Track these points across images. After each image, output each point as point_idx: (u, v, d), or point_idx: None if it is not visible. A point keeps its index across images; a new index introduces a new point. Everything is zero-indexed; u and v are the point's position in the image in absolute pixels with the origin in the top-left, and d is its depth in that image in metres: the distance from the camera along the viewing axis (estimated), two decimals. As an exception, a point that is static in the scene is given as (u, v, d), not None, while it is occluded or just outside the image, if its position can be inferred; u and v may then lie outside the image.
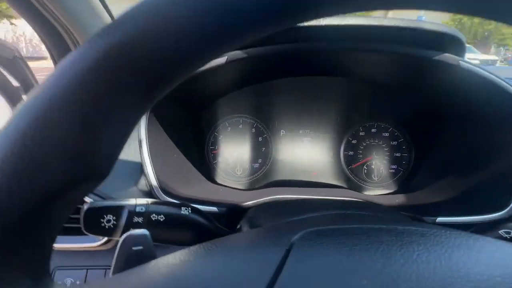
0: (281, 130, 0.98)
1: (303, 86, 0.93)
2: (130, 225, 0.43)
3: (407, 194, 0.84)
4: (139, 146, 0.62)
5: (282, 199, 0.72)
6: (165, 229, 0.45)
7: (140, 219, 0.43)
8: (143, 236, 0.35)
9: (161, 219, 0.45)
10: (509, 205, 0.57)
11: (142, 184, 0.64)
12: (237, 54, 0.58)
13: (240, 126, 0.98)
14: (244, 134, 0.98)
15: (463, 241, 0.25)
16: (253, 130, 0.98)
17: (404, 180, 0.94)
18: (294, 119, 0.98)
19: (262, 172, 0.97)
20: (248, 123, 0.98)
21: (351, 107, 0.94)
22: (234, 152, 0.98)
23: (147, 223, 0.44)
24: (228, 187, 0.92)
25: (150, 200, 0.46)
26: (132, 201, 0.45)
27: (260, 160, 0.98)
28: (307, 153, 0.98)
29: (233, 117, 0.98)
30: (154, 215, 0.45)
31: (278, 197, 0.73)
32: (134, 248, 0.34)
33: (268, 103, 0.96)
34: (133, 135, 0.67)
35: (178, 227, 0.47)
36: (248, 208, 0.68)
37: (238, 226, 0.57)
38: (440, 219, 0.62)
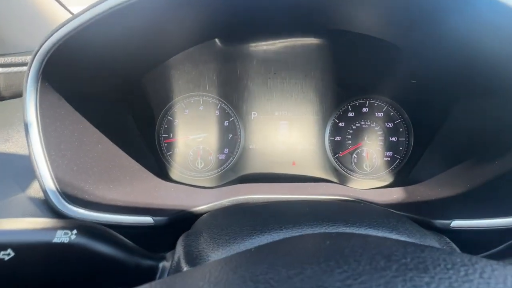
0: (252, 112, 0.79)
1: (276, 54, 0.73)
2: None
3: (406, 187, 0.67)
4: (25, 133, 0.42)
5: (247, 200, 0.54)
6: (14, 274, 0.26)
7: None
8: None
9: (6, 258, 0.25)
10: None
11: (35, 189, 0.44)
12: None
13: (201, 108, 0.78)
14: (206, 118, 0.78)
15: None
16: (217, 112, 0.78)
17: (401, 171, 0.77)
18: (268, 98, 0.78)
19: (230, 165, 0.78)
20: (211, 103, 0.78)
21: (336, 78, 0.75)
22: (193, 141, 0.78)
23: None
24: (186, 184, 0.72)
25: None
26: None
27: (226, 150, 0.79)
28: (284, 140, 0.80)
29: (191, 95, 0.78)
30: (-10, 251, 0.25)
31: (243, 197, 0.54)
32: None
33: (235, 78, 0.76)
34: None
35: (43, 267, 0.27)
36: (200, 215, 0.49)
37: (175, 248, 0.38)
38: (455, 223, 0.46)
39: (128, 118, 0.65)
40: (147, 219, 0.46)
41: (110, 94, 0.57)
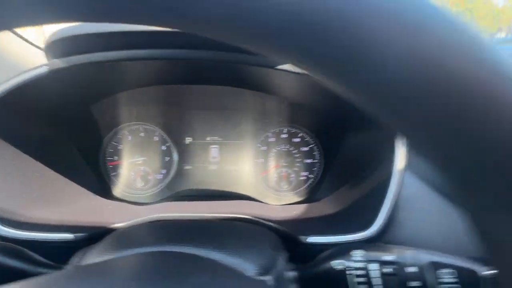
0: (187, 138, 0.92)
1: (209, 91, 0.87)
2: None
3: (309, 204, 0.80)
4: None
5: (159, 218, 0.66)
6: None
7: None
8: None
9: None
10: (370, 225, 0.54)
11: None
12: (57, 63, 0.50)
13: (142, 134, 0.91)
14: (146, 143, 0.91)
15: None
16: (156, 138, 0.91)
17: (314, 188, 0.90)
18: (201, 125, 0.91)
19: (166, 184, 0.91)
20: (150, 130, 0.91)
21: (259, 111, 0.89)
22: (134, 163, 0.91)
23: None
24: (126, 201, 0.85)
25: None
26: None
27: (164, 171, 0.91)
28: (215, 161, 0.92)
29: (133, 124, 0.90)
30: None
31: (156, 216, 0.66)
32: None
33: (172, 109, 0.89)
34: None
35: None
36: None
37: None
38: (310, 239, 0.58)
39: (69, 146, 0.77)
40: (68, 236, 0.59)
41: (53, 130, 0.70)
